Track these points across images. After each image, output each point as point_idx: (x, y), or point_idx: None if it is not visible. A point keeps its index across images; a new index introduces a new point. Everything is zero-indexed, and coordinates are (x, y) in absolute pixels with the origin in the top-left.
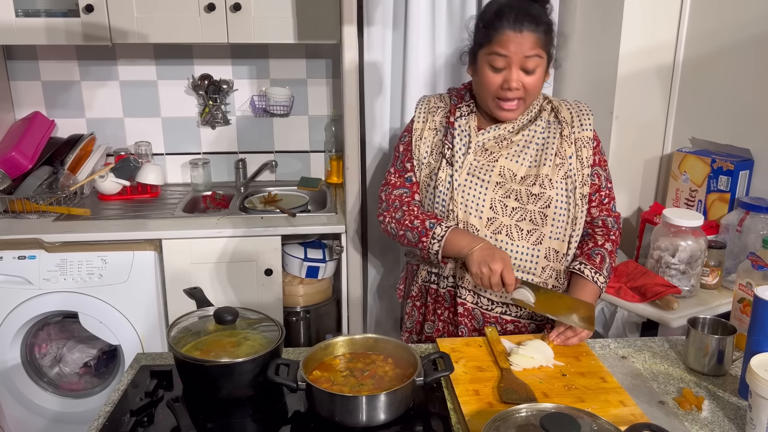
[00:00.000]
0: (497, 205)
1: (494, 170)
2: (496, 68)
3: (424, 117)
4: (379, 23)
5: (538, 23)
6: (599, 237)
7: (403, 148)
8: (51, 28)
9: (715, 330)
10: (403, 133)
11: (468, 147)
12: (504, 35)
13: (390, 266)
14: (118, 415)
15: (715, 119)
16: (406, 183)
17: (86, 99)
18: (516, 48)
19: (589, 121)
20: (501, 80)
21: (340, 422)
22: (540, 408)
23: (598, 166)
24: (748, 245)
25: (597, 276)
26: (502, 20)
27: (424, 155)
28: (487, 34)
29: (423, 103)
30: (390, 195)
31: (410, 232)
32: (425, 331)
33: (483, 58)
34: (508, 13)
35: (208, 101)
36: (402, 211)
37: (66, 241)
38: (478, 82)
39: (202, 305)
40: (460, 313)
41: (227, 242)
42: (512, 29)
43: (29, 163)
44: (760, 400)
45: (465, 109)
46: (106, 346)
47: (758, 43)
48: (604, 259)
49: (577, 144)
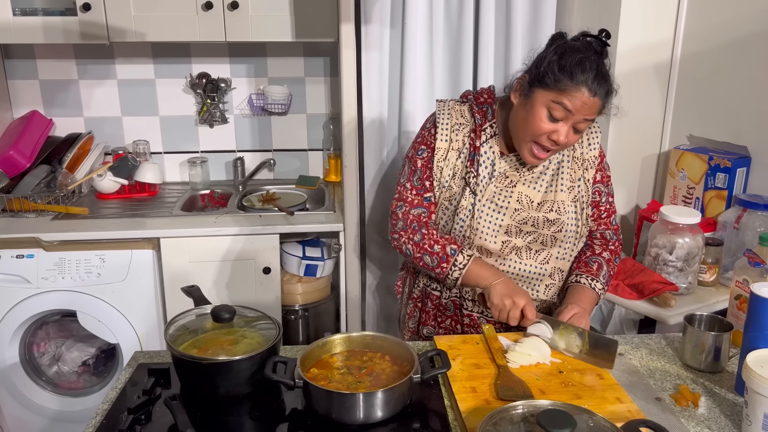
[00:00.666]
0: (513, 230)
1: (512, 197)
2: (553, 117)
3: (447, 136)
4: (376, 21)
5: (608, 92)
6: (597, 247)
7: (421, 163)
8: (48, 27)
9: (711, 327)
10: (419, 145)
11: (491, 175)
12: (579, 92)
13: (388, 265)
14: (116, 413)
15: (713, 117)
16: (424, 203)
17: (84, 98)
18: (584, 110)
19: (597, 139)
20: (551, 129)
21: (337, 419)
22: (537, 405)
23: (600, 183)
24: (745, 242)
25: (594, 283)
26: (585, 75)
27: (446, 178)
28: (561, 80)
29: (445, 115)
30: (408, 214)
31: (429, 257)
32: (423, 333)
33: (542, 100)
34: (590, 70)
35: (206, 100)
36: (421, 233)
37: (64, 240)
38: (524, 120)
39: (200, 303)
40: (466, 324)
41: (225, 241)
42: (589, 90)
43: (27, 161)
44: (756, 396)
45: (489, 131)
46: (104, 344)
47: (755, 40)
48: (601, 266)
49: (584, 165)
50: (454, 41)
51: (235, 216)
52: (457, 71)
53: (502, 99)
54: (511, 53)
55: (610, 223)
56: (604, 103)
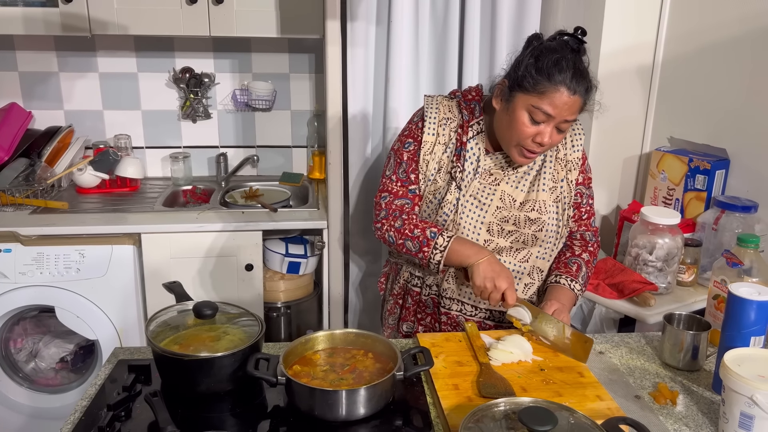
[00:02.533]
0: (494, 228)
1: (495, 194)
2: (534, 120)
3: (434, 129)
4: (362, 18)
5: (588, 89)
6: (576, 248)
7: (407, 156)
8: (29, 18)
9: (690, 326)
10: (405, 138)
11: (476, 171)
12: (557, 92)
13: (371, 262)
14: (95, 409)
15: (693, 119)
16: (409, 194)
17: (64, 90)
18: (563, 110)
19: (580, 141)
20: (534, 132)
21: (319, 417)
22: (518, 402)
23: (582, 185)
24: (723, 243)
25: (573, 283)
26: (562, 75)
27: (432, 172)
28: (539, 83)
29: (432, 110)
30: (391, 204)
31: (410, 242)
32: (403, 330)
33: (523, 105)
34: (567, 69)
35: (189, 95)
36: (402, 219)
37: (43, 235)
38: (508, 124)
39: (182, 299)
40: (444, 321)
41: (207, 237)
42: (568, 90)
43: (5, 154)
44: (733, 394)
45: (476, 127)
46: (83, 341)
47: (736, 44)
48: (581, 267)
49: (567, 166)
50: (440, 39)
51: (218, 212)
52: (442, 69)
53: (487, 99)
54: (496, 52)
55: (590, 224)
56: (584, 101)
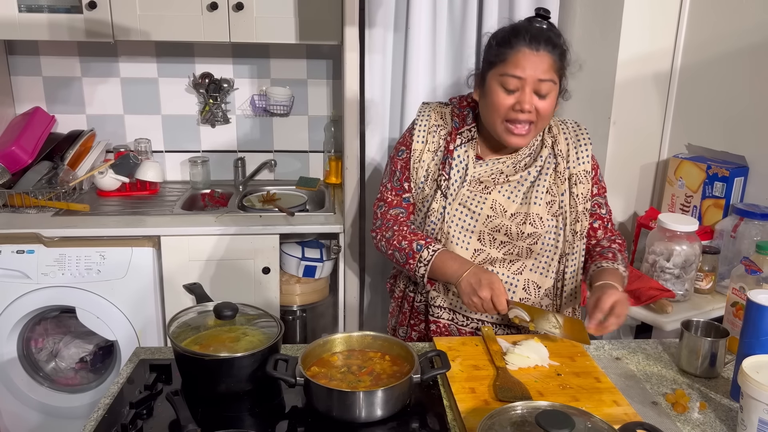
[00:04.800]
0: (485, 237)
1: (486, 203)
2: (508, 89)
3: (423, 137)
4: (380, 25)
5: (555, 45)
6: (604, 242)
7: (401, 165)
8: (53, 24)
9: (708, 333)
10: (399, 146)
11: (464, 179)
12: (520, 53)
13: (387, 267)
14: (118, 407)
15: (711, 126)
16: (403, 203)
17: (87, 95)
18: (531, 69)
19: (586, 152)
20: (513, 102)
21: (337, 418)
22: (535, 406)
23: (598, 196)
24: (741, 251)
25: (616, 264)
26: (519, 37)
27: (421, 179)
28: (501, 52)
29: (424, 118)
30: (386, 214)
31: (398, 253)
32: (399, 335)
33: (494, 79)
34: (525, 32)
35: (208, 100)
36: (393, 230)
37: (65, 236)
38: (487, 105)
39: (202, 301)
40: (433, 330)
41: (225, 240)
42: (529, 47)
43: (29, 157)
44: (752, 401)
45: (466, 134)
46: (102, 341)
47: (754, 51)
48: (616, 255)
49: (571, 180)
50: (457, 46)
51: (236, 216)
52: (459, 76)
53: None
54: None
55: (613, 229)
56: (555, 59)
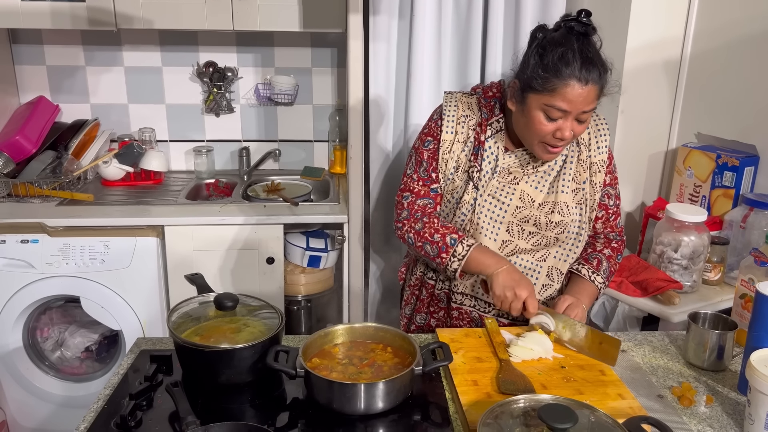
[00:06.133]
0: (514, 228)
1: (515, 194)
2: (551, 118)
3: (452, 128)
4: (385, 12)
5: (601, 73)
6: (598, 245)
7: (427, 155)
8: (56, 13)
9: (715, 325)
10: (425, 137)
11: (494, 170)
12: (569, 87)
13: (392, 256)
14: (118, 398)
15: (721, 115)
16: (431, 194)
17: (91, 84)
18: (580, 101)
19: (605, 142)
20: (554, 129)
21: (338, 410)
22: (538, 399)
23: (609, 186)
24: (751, 241)
25: (594, 276)
26: (570, 68)
27: (451, 170)
28: (548, 81)
29: (451, 108)
30: (413, 204)
31: (429, 246)
32: (417, 321)
33: (536, 104)
34: (575, 61)
35: (212, 89)
36: (423, 222)
37: (69, 226)
38: (526, 124)
39: (203, 291)
40: (455, 317)
41: (230, 230)
42: (578, 81)
43: (33, 147)
44: (759, 395)
45: (495, 125)
46: (107, 331)
47: (766, 39)
48: (602, 262)
49: (592, 168)
50: (463, 34)
51: (240, 205)
52: (465, 64)
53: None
54: (519, 48)
55: (616, 225)
56: (600, 86)
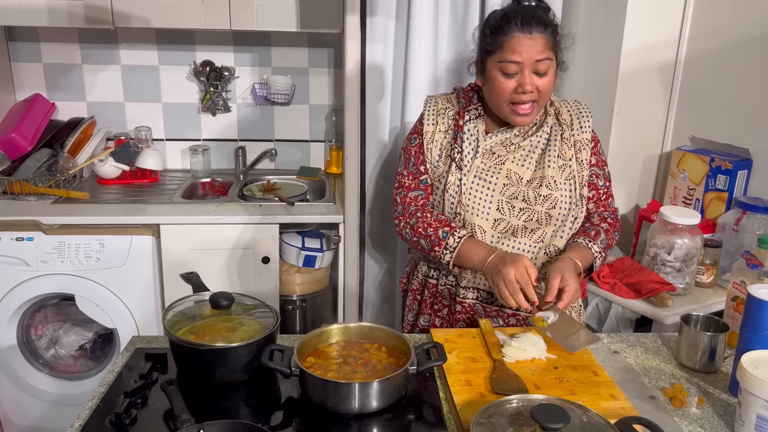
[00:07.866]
0: (504, 206)
1: (501, 173)
2: (508, 74)
3: (433, 119)
4: (382, 14)
5: (546, 25)
6: (595, 219)
7: (414, 150)
8: (53, 10)
9: (707, 327)
10: (411, 135)
11: (476, 151)
12: (514, 38)
13: (387, 257)
14: (113, 396)
15: (715, 118)
16: (420, 185)
17: (87, 82)
18: (527, 51)
19: (588, 123)
20: (514, 85)
21: (332, 409)
22: (531, 399)
23: (596, 167)
24: (744, 245)
25: (591, 244)
26: (510, 24)
27: (435, 158)
28: (496, 40)
29: (431, 105)
30: (405, 198)
31: (424, 240)
32: (420, 323)
33: (493, 66)
34: (515, 17)
35: (209, 88)
36: (416, 217)
37: (64, 224)
38: (491, 90)
39: (199, 290)
40: (458, 311)
41: (225, 229)
42: (521, 32)
43: (29, 144)
44: (750, 397)
45: (473, 112)
46: (102, 329)
47: (760, 43)
48: (599, 233)
49: (577, 146)
50: (459, 35)
51: (236, 205)
52: (461, 65)
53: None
54: None
55: (608, 205)
56: (549, 37)
